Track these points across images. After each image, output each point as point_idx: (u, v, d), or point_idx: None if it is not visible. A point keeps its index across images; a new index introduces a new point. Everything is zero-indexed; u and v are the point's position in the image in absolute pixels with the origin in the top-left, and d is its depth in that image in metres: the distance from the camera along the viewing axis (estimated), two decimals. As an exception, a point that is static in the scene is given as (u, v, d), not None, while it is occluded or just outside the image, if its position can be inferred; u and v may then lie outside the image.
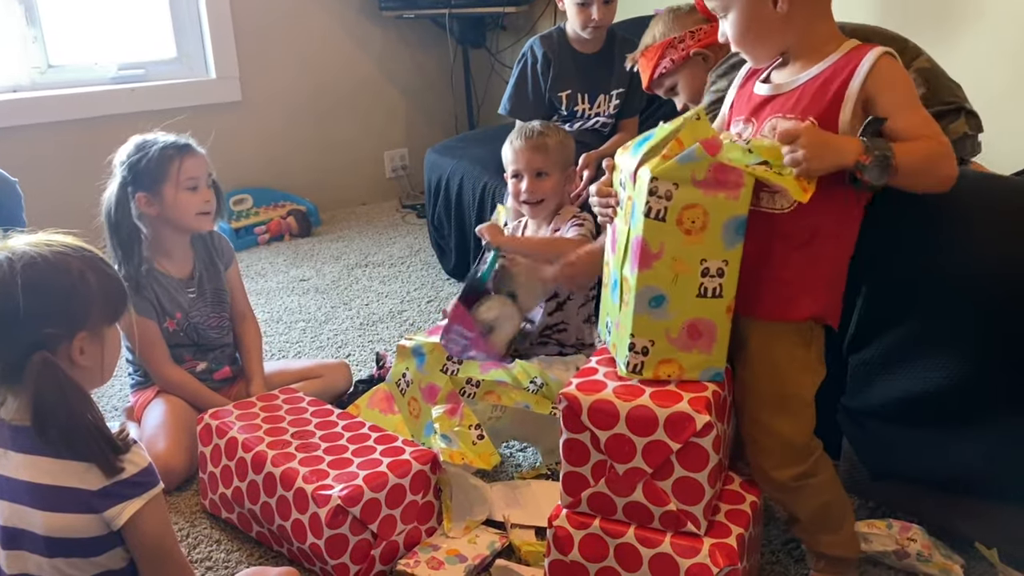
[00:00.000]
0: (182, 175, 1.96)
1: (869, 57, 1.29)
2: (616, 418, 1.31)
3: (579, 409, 1.33)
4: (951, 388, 1.44)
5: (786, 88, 1.36)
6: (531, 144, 2.10)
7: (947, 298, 1.40)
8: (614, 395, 1.32)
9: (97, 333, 1.22)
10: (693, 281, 1.28)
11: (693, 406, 1.28)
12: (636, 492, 1.33)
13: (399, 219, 3.85)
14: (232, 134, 3.61)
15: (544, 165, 2.10)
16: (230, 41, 3.62)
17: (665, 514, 1.33)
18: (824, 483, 1.43)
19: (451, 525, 1.65)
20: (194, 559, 1.66)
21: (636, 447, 1.31)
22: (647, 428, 1.30)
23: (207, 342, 2.07)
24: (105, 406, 2.26)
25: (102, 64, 3.45)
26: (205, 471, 1.75)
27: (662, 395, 1.31)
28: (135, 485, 1.17)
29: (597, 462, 1.35)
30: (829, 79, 1.31)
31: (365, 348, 2.54)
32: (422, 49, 4.09)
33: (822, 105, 1.31)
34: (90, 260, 1.23)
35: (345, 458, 1.61)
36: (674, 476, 1.31)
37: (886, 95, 1.28)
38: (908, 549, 1.51)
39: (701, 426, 1.27)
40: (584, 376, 1.39)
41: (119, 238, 1.96)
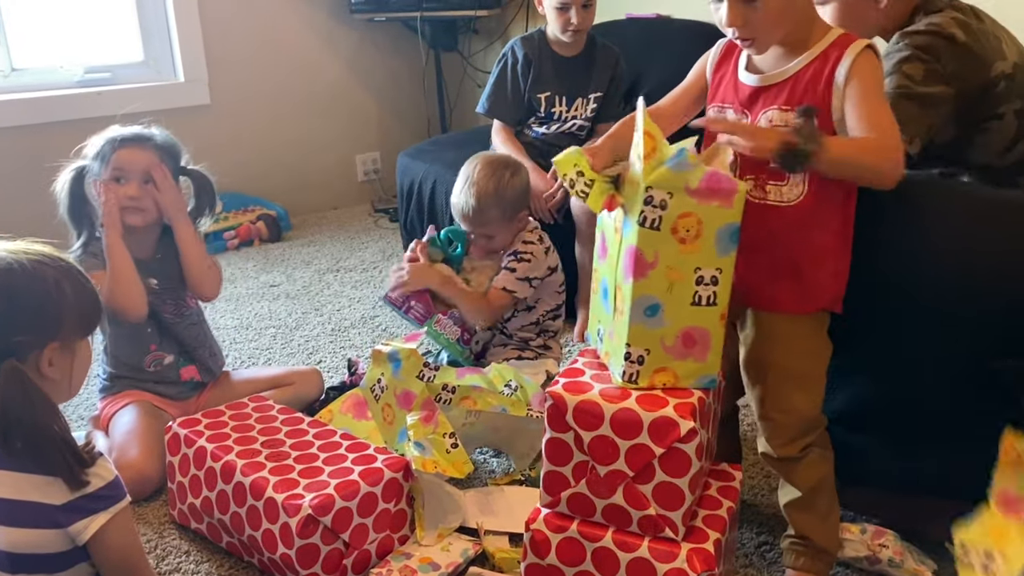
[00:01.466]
0: (111, 166, 1.94)
1: (853, 49, 1.32)
2: (601, 419, 1.31)
3: (564, 409, 1.33)
4: (915, 397, 1.47)
5: (777, 79, 1.37)
6: (467, 218, 2.10)
7: (910, 308, 1.42)
8: (600, 396, 1.32)
9: (68, 345, 1.20)
10: (688, 289, 1.29)
11: (678, 412, 1.28)
12: (616, 495, 1.33)
13: (371, 223, 3.83)
14: (201, 138, 3.52)
15: (488, 230, 2.11)
16: (198, 44, 3.58)
17: (644, 518, 1.33)
18: (825, 456, 1.49)
19: (423, 533, 1.64)
20: (163, 571, 1.63)
21: (619, 449, 1.31)
22: (631, 431, 1.29)
23: (169, 330, 2.04)
24: (71, 415, 2.22)
25: (67, 67, 3.39)
26: (173, 481, 1.72)
27: (648, 399, 1.31)
28: (101, 499, 1.15)
29: (579, 462, 1.34)
30: (819, 69, 1.33)
31: (337, 354, 2.52)
32: (394, 52, 4.07)
33: (815, 96, 1.33)
34: (67, 271, 1.22)
35: (316, 467, 1.59)
36: (655, 480, 1.31)
37: (852, 83, 1.31)
38: (880, 555, 1.52)
39: (685, 432, 1.27)
40: (570, 376, 1.38)
41: (71, 216, 1.97)
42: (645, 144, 1.26)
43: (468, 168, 2.13)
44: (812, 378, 1.45)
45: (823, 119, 1.32)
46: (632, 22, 3.31)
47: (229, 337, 2.66)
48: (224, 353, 2.49)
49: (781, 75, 1.36)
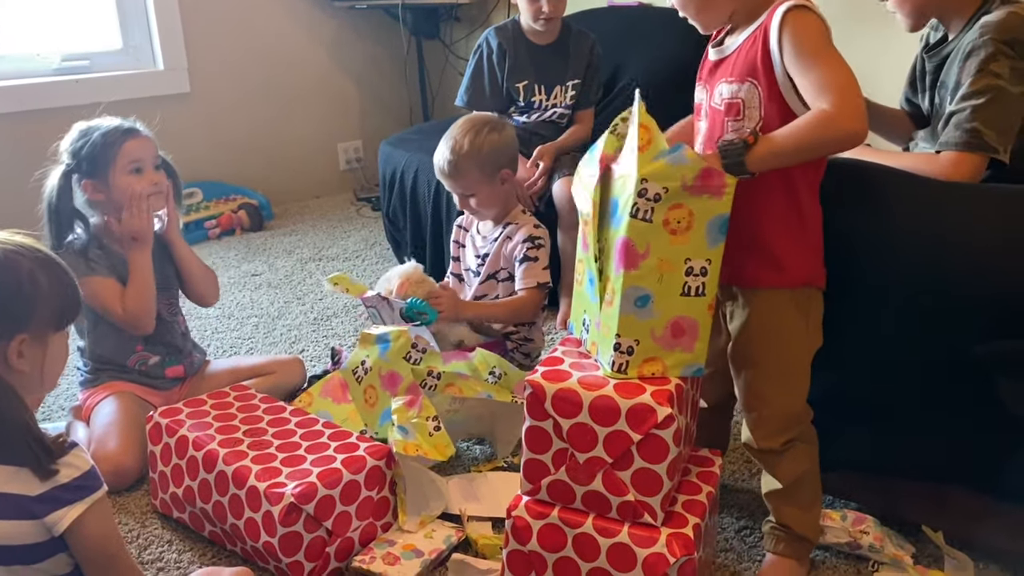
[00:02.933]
0: (125, 158, 1.92)
1: (777, 14, 1.30)
2: (579, 407, 1.32)
3: (543, 397, 1.34)
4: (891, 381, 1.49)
5: (727, 51, 1.39)
6: (445, 174, 2.10)
7: (885, 293, 1.43)
8: (579, 384, 1.33)
9: (40, 337, 1.19)
10: (678, 280, 1.30)
11: (655, 398, 1.29)
12: (596, 481, 1.34)
13: (353, 212, 3.82)
14: (181, 126, 3.54)
15: (465, 188, 2.10)
16: (178, 31, 3.55)
17: (623, 504, 1.34)
18: (809, 451, 1.49)
19: (406, 519, 1.64)
20: (145, 560, 1.63)
21: (598, 436, 1.32)
22: (609, 418, 1.30)
23: (159, 330, 2.03)
24: (52, 405, 2.21)
25: (45, 55, 3.35)
26: (155, 470, 1.72)
27: (626, 387, 1.32)
28: (76, 489, 1.14)
29: (558, 450, 1.35)
30: (756, 39, 1.34)
31: (319, 343, 2.52)
32: (375, 40, 4.05)
33: (756, 66, 1.33)
34: (45, 263, 1.21)
35: (298, 455, 1.59)
36: (634, 467, 1.32)
37: (788, 56, 1.29)
38: (860, 541, 1.54)
39: (662, 418, 1.28)
40: (549, 365, 1.39)
41: (57, 224, 1.93)
42: (640, 136, 1.26)
43: (450, 129, 2.12)
44: (797, 371, 1.45)
45: (770, 86, 1.32)
46: (613, 10, 3.32)
47: (211, 327, 2.65)
48: (206, 343, 2.50)
49: (730, 48, 1.39)
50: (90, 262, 1.93)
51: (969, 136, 1.56)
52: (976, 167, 1.58)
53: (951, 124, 1.60)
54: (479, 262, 2.18)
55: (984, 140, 1.56)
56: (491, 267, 2.16)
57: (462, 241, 2.28)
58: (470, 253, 2.23)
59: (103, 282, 1.93)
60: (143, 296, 1.95)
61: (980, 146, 1.56)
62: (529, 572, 1.41)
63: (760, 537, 1.61)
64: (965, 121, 1.58)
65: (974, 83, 1.58)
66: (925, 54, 1.81)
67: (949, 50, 1.71)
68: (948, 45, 1.72)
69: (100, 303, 1.93)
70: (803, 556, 1.52)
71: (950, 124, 1.60)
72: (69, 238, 1.95)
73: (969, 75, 1.59)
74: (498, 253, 2.14)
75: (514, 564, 1.42)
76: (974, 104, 1.57)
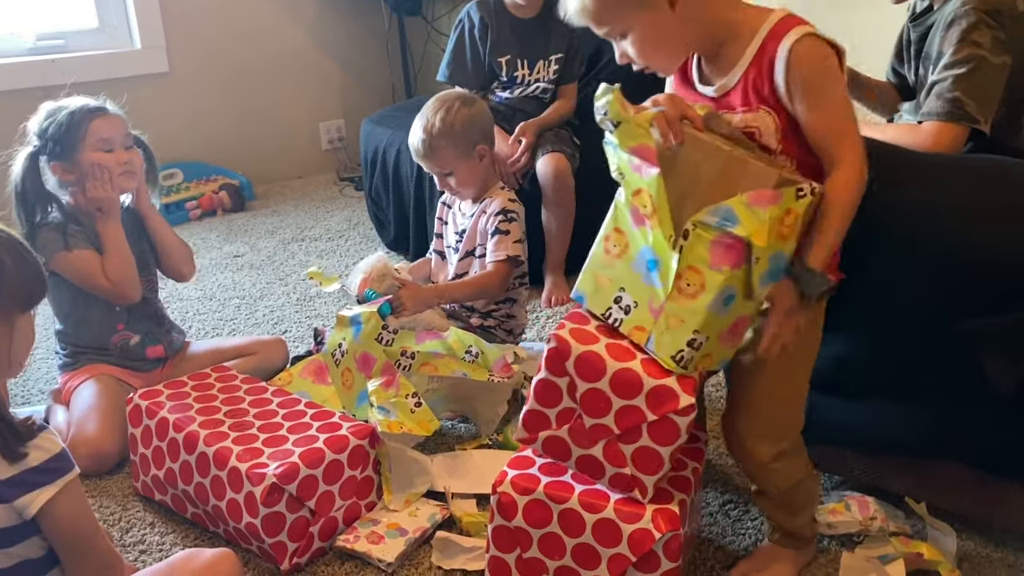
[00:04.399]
0: (93, 137, 1.89)
1: (783, 48, 1.23)
2: (602, 374, 1.29)
3: (567, 354, 1.30)
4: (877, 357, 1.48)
5: (731, 83, 1.30)
6: (420, 155, 2.07)
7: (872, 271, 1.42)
8: (606, 350, 1.30)
9: (6, 318, 1.17)
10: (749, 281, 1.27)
11: (681, 384, 1.27)
12: (596, 448, 1.33)
13: (336, 192, 3.79)
14: (159, 106, 3.50)
15: (443, 166, 2.07)
16: (155, 9, 3.50)
17: (617, 475, 1.33)
18: (800, 464, 1.44)
19: (391, 498, 1.63)
20: (127, 543, 1.61)
21: (612, 406, 1.30)
22: (630, 392, 1.28)
23: (139, 308, 2.01)
24: (32, 389, 2.19)
25: (19, 34, 3.30)
26: (136, 453, 1.70)
27: (653, 364, 1.29)
28: (46, 472, 1.12)
29: (566, 408, 1.33)
30: (760, 71, 1.26)
31: (302, 324, 2.50)
32: (356, 17, 4.00)
33: (766, 99, 1.27)
34: (7, 242, 1.18)
35: (280, 435, 1.58)
36: (639, 443, 1.30)
37: (796, 93, 1.24)
38: (871, 528, 1.52)
39: (684, 405, 1.26)
40: (576, 322, 1.35)
41: (25, 207, 1.90)
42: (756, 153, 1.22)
43: (422, 108, 2.10)
44: (796, 379, 1.39)
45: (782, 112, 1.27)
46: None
47: (192, 308, 2.62)
48: (188, 324, 2.48)
49: (732, 81, 1.30)
50: (68, 237, 1.90)
51: (951, 106, 1.56)
52: (957, 137, 1.57)
53: (932, 94, 1.59)
54: (458, 239, 2.16)
55: (965, 110, 1.55)
56: (468, 244, 2.13)
57: (445, 218, 2.25)
58: (451, 230, 2.21)
59: (83, 254, 1.91)
60: (123, 263, 1.93)
61: (961, 116, 1.55)
62: (514, 548, 1.40)
63: (745, 511, 1.61)
64: (947, 91, 1.57)
65: (956, 53, 1.57)
66: (910, 23, 1.80)
67: (933, 19, 1.69)
68: (932, 15, 1.71)
69: (84, 276, 1.91)
70: (802, 546, 1.49)
71: (932, 94, 1.59)
72: (42, 219, 1.92)
73: (951, 44, 1.58)
74: (474, 229, 2.12)
75: (499, 540, 1.41)
76: (955, 74, 1.56)
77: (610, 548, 1.34)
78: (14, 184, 1.90)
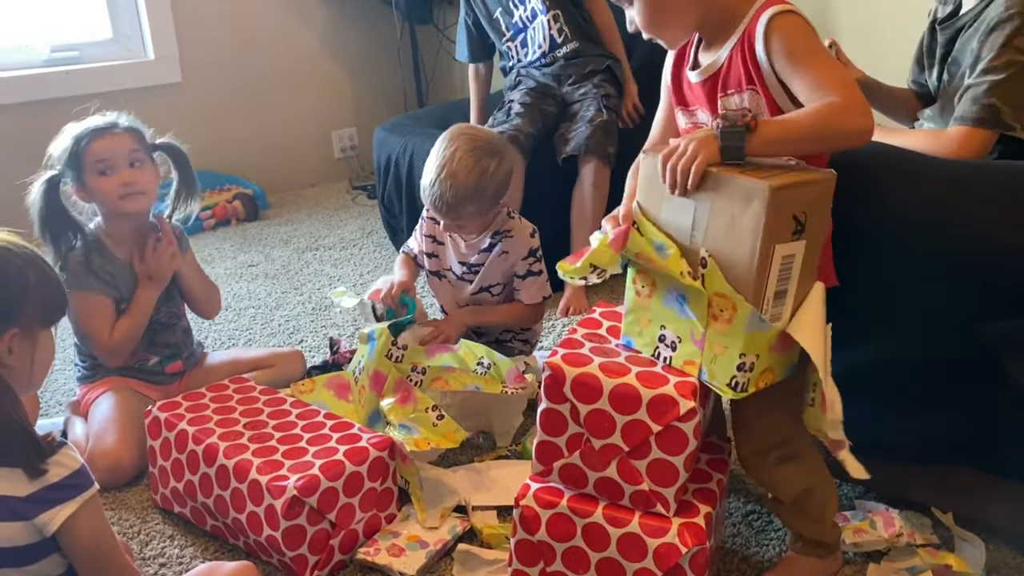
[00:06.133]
0: (91, 159, 1.86)
1: (760, 23, 1.26)
2: (599, 393, 1.30)
3: (563, 380, 1.31)
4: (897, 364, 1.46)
5: (713, 69, 1.33)
6: (440, 211, 1.91)
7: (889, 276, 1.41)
8: (600, 370, 1.31)
9: (30, 333, 1.18)
10: None
11: (679, 390, 1.27)
12: (610, 468, 1.32)
13: (349, 200, 3.79)
14: (173, 116, 3.47)
15: (461, 222, 1.96)
16: (168, 20, 3.51)
17: (636, 493, 1.32)
18: (805, 470, 1.41)
19: (425, 515, 1.61)
20: (147, 556, 1.61)
21: (616, 424, 1.30)
22: (630, 407, 1.28)
23: (156, 337, 2.01)
24: (50, 400, 2.19)
25: (34, 46, 3.31)
26: (155, 465, 1.70)
27: (648, 376, 1.29)
28: (67, 488, 1.12)
29: (574, 434, 1.33)
30: (743, 51, 1.29)
31: (318, 333, 2.49)
32: (368, 26, 4.01)
33: (749, 70, 1.29)
34: (32, 259, 1.20)
35: (300, 447, 1.57)
36: (650, 457, 1.30)
37: (779, 61, 1.26)
38: (898, 544, 1.50)
39: (685, 411, 1.26)
40: (569, 347, 1.36)
41: (52, 236, 1.87)
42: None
43: (446, 149, 1.88)
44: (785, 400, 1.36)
45: (766, 92, 1.28)
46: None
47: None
48: (204, 335, 2.48)
49: (716, 65, 1.33)
50: (90, 275, 1.88)
51: (985, 112, 1.54)
52: (984, 144, 1.55)
53: (967, 97, 1.57)
54: (464, 269, 2.06)
55: (1000, 117, 1.54)
56: (485, 281, 2.04)
57: (439, 238, 2.09)
58: (451, 255, 2.08)
59: (96, 303, 1.88)
60: (134, 331, 1.92)
61: (995, 123, 1.54)
62: (538, 562, 1.39)
63: (768, 521, 1.59)
64: (983, 96, 1.55)
65: (996, 58, 1.55)
66: (938, 26, 1.77)
67: (963, 23, 1.67)
68: (962, 18, 1.69)
69: (85, 323, 1.89)
70: (825, 554, 1.46)
71: (966, 97, 1.58)
72: (69, 247, 1.89)
73: (992, 49, 1.56)
74: (493, 268, 2.02)
75: (522, 553, 1.40)
76: (993, 79, 1.55)
77: (635, 563, 1.32)
78: (35, 214, 1.86)
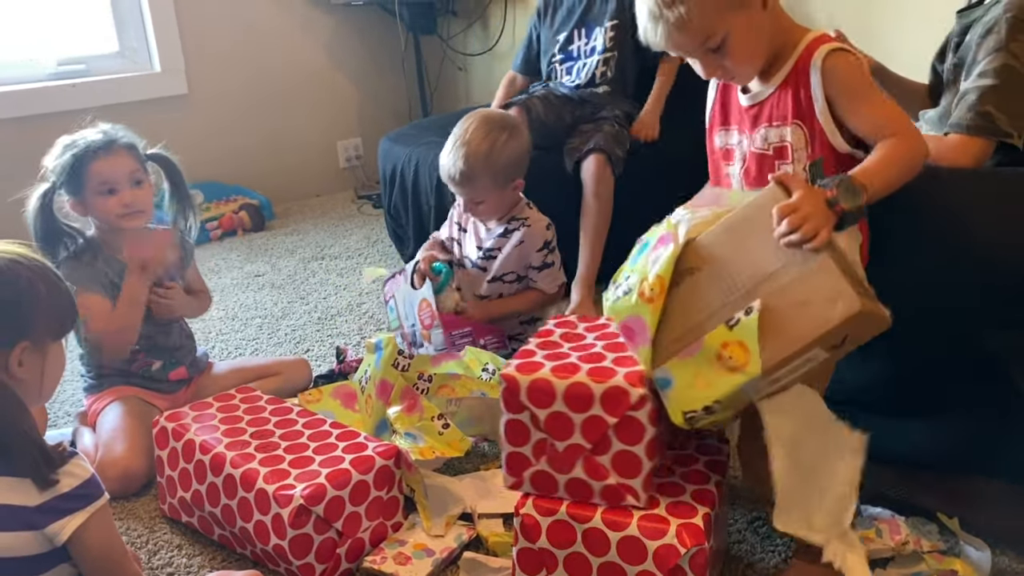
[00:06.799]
0: (94, 180, 1.87)
1: (818, 56, 1.30)
2: (553, 396, 1.33)
3: (517, 389, 1.35)
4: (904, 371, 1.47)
5: (763, 96, 1.37)
6: (455, 182, 2.02)
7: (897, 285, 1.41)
8: (551, 373, 1.34)
9: (40, 346, 1.19)
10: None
11: (628, 380, 1.30)
12: (576, 468, 1.35)
13: (355, 210, 3.80)
14: (179, 128, 3.52)
15: (475, 196, 2.04)
16: (174, 32, 3.54)
17: (605, 488, 1.35)
18: None
19: (430, 524, 1.62)
20: (155, 565, 1.62)
21: (574, 424, 1.33)
22: (584, 404, 1.32)
23: (159, 337, 2.02)
24: (58, 411, 2.20)
25: (40, 59, 3.34)
26: (163, 475, 1.71)
27: (598, 371, 1.33)
28: (77, 498, 1.13)
29: (538, 441, 1.37)
30: (796, 83, 1.33)
31: (324, 343, 2.51)
32: (372, 37, 4.03)
33: (800, 105, 1.33)
34: (42, 272, 1.21)
35: (306, 456, 1.58)
36: (612, 450, 1.33)
37: (840, 99, 1.31)
38: (904, 551, 1.49)
39: (636, 399, 1.29)
40: (522, 358, 1.40)
41: (45, 245, 1.87)
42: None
43: (462, 125, 2.01)
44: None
45: (812, 126, 1.32)
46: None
47: (215, 328, 2.64)
48: (210, 345, 2.49)
49: (767, 91, 1.37)
50: (90, 276, 1.89)
51: (980, 120, 1.52)
52: (982, 152, 1.54)
53: (963, 104, 1.55)
54: (479, 254, 2.15)
55: (996, 124, 1.51)
56: (500, 270, 2.12)
57: (464, 225, 2.22)
58: (471, 242, 2.19)
59: (87, 300, 1.87)
60: (130, 316, 1.91)
61: (991, 130, 1.52)
62: (540, 569, 1.40)
63: (773, 528, 1.59)
64: (977, 103, 1.52)
65: (990, 62, 1.53)
66: (957, 14, 1.74)
67: (975, 17, 1.64)
68: (976, 11, 1.66)
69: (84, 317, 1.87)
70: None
71: (962, 103, 1.56)
72: (65, 253, 1.91)
73: (987, 53, 1.54)
74: (507, 257, 2.10)
75: (524, 562, 1.41)
76: (987, 85, 1.52)
77: (636, 565, 1.33)
78: (31, 225, 1.88)
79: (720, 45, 1.33)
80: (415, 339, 2.11)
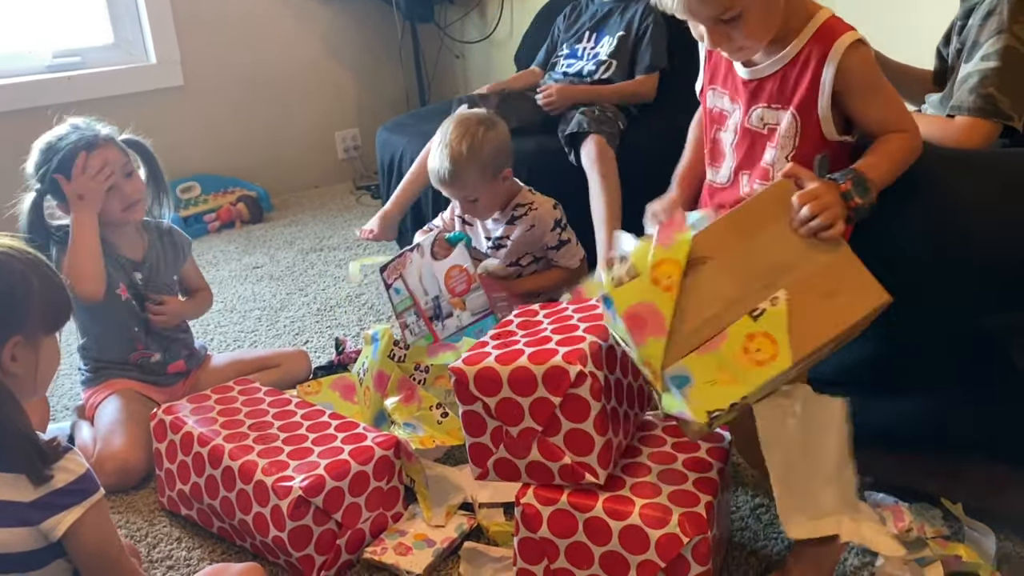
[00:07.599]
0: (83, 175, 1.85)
1: (838, 48, 1.30)
2: (500, 383, 1.35)
3: (466, 381, 1.37)
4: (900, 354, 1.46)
5: (766, 72, 1.36)
6: (445, 182, 2.05)
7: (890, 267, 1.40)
8: (496, 361, 1.36)
9: (33, 341, 1.18)
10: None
11: (566, 359, 1.31)
12: (533, 452, 1.36)
13: (353, 201, 3.79)
14: (176, 120, 3.52)
15: (467, 193, 2.07)
16: (169, 24, 3.52)
17: (563, 468, 1.35)
18: None
19: (431, 514, 1.61)
20: (154, 558, 1.61)
21: (523, 408, 1.35)
22: (528, 387, 1.33)
23: (156, 330, 2.01)
24: (56, 405, 2.19)
25: (35, 52, 3.32)
26: (161, 468, 1.70)
27: (539, 354, 1.34)
28: (72, 494, 1.12)
29: (494, 429, 1.38)
30: (805, 64, 1.32)
31: (323, 334, 2.50)
32: (369, 26, 4.01)
33: (802, 93, 1.33)
34: (36, 265, 1.20)
35: (305, 447, 1.57)
36: (563, 430, 1.34)
37: (854, 92, 1.32)
38: (908, 539, 1.48)
39: (575, 376, 1.30)
40: (472, 349, 1.43)
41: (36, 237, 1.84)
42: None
43: (440, 131, 2.07)
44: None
45: (809, 116, 1.32)
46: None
47: (213, 321, 2.63)
48: (209, 337, 2.48)
49: (771, 68, 1.36)
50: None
51: (983, 102, 1.52)
52: (989, 134, 1.54)
53: (965, 87, 1.55)
54: (488, 244, 2.18)
55: (998, 107, 1.51)
56: (514, 254, 2.16)
57: (470, 219, 2.26)
58: (479, 233, 2.22)
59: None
60: (82, 259, 1.84)
61: (994, 112, 1.51)
62: (541, 559, 1.39)
63: (776, 515, 1.58)
64: (979, 86, 1.52)
65: (992, 44, 1.53)
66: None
67: (977, 0, 1.63)
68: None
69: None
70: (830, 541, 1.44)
71: (964, 86, 1.55)
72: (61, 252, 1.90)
73: (988, 35, 1.54)
74: (520, 241, 2.14)
75: (526, 552, 1.40)
76: (989, 67, 1.52)
77: (638, 555, 1.32)
78: (21, 220, 1.87)
79: (735, 17, 1.32)
80: (438, 311, 2.08)
